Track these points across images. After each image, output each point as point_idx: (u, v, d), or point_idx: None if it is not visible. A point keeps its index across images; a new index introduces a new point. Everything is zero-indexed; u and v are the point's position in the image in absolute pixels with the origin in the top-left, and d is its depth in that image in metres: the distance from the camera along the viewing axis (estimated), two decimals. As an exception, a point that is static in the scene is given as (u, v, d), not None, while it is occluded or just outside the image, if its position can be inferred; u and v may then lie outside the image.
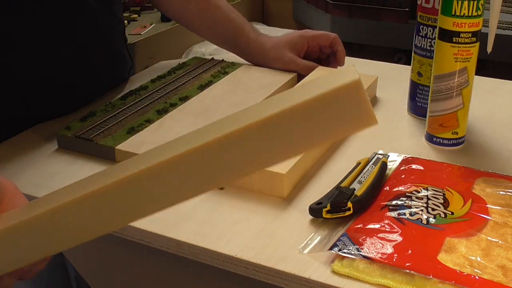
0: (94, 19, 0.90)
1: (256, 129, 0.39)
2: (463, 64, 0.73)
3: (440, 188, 0.65)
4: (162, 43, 2.22)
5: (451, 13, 0.72)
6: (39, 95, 0.85)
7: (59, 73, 0.87)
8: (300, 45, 0.99)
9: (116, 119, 0.82)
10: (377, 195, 0.65)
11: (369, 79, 0.91)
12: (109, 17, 0.94)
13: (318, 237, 0.60)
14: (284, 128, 0.39)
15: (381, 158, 0.71)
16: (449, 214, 0.60)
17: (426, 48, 0.82)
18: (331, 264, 0.56)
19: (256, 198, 0.67)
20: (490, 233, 0.58)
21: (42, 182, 0.71)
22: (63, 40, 0.86)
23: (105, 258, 0.75)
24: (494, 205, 0.62)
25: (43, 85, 0.85)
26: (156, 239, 0.62)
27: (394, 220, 0.59)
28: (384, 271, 0.54)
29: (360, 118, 0.38)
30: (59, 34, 0.85)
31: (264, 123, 0.39)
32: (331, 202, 0.62)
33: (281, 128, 0.39)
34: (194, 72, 0.99)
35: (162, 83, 0.94)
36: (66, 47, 0.86)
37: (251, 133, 0.39)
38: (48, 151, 0.78)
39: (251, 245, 0.59)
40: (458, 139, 0.78)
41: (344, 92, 0.37)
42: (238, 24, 1.01)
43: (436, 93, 0.76)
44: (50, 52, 0.85)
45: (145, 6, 2.45)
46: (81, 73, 0.90)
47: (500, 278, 0.52)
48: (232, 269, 0.59)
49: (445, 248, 0.56)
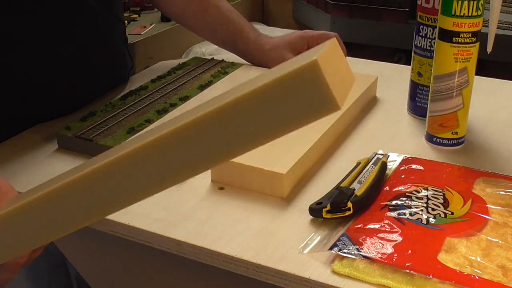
0: (94, 19, 0.90)
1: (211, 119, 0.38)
2: (463, 64, 0.73)
3: (440, 188, 0.65)
4: (162, 43, 2.23)
5: (451, 13, 0.72)
6: (39, 95, 0.85)
7: (59, 73, 0.87)
8: (300, 46, 0.99)
9: (116, 119, 0.82)
10: (377, 195, 0.65)
11: (369, 79, 0.91)
12: (109, 17, 0.94)
13: (318, 237, 0.60)
14: (238, 117, 0.37)
15: (381, 158, 0.71)
16: (449, 214, 0.60)
17: (426, 48, 0.82)
18: (331, 264, 0.56)
19: (256, 198, 0.67)
20: (490, 233, 0.58)
21: (42, 182, 0.71)
22: (63, 40, 0.86)
23: (105, 258, 0.75)
24: (494, 205, 0.62)
25: (43, 85, 0.85)
26: (156, 239, 0.62)
27: (394, 220, 0.59)
28: (384, 271, 0.54)
29: (320, 103, 0.36)
30: (59, 34, 0.85)
31: (218, 112, 0.38)
32: (331, 202, 0.62)
33: (236, 117, 0.37)
34: (194, 72, 0.99)
35: (162, 83, 0.94)
36: (66, 47, 0.86)
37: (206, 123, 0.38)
38: (48, 151, 0.78)
39: (251, 245, 0.59)
40: (458, 139, 0.78)
41: (298, 76, 0.35)
42: (238, 25, 1.01)
43: (436, 93, 0.76)
44: (50, 52, 0.85)
45: (145, 6, 2.45)
46: (81, 73, 0.90)
47: (500, 278, 0.52)
48: (232, 269, 0.59)
49: (445, 248, 0.56)
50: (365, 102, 0.90)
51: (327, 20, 2.37)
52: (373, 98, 0.93)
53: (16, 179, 0.71)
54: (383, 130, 0.83)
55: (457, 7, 0.71)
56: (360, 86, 0.89)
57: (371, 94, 0.93)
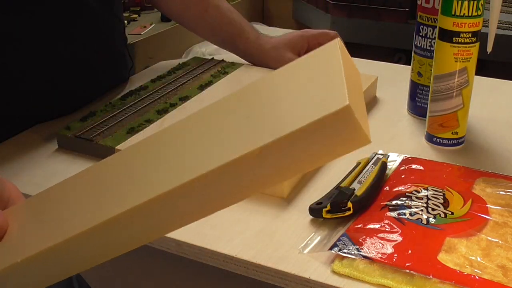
0: (94, 19, 0.90)
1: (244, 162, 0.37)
2: (463, 64, 0.73)
3: (440, 188, 0.65)
4: (162, 43, 2.23)
5: (451, 13, 0.72)
6: (39, 95, 0.85)
7: (59, 73, 0.87)
8: (300, 45, 0.99)
9: (116, 119, 0.82)
10: (377, 195, 0.65)
11: (369, 79, 0.91)
12: (109, 17, 0.94)
13: (318, 237, 0.60)
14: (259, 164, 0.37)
15: (381, 158, 0.71)
16: (449, 214, 0.60)
17: (426, 48, 0.82)
18: (331, 264, 0.56)
19: (256, 198, 0.67)
20: (490, 233, 0.58)
21: (42, 182, 0.71)
22: (63, 40, 0.86)
23: (105, 258, 0.75)
24: (494, 205, 0.62)
25: (43, 85, 0.85)
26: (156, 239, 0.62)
27: (394, 220, 0.59)
28: (384, 271, 0.54)
29: (353, 141, 0.36)
30: (59, 34, 0.85)
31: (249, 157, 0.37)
32: (331, 202, 0.62)
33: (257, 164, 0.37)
34: (194, 72, 0.99)
35: (162, 83, 0.94)
36: (66, 47, 0.86)
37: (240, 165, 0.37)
38: (48, 151, 0.78)
39: (251, 245, 0.59)
40: (458, 139, 0.78)
41: (329, 121, 0.35)
42: (238, 25, 1.01)
43: (436, 93, 0.76)
44: (50, 52, 0.85)
45: (145, 6, 2.45)
46: (81, 73, 0.90)
47: (500, 278, 0.52)
48: (232, 269, 0.59)
49: (445, 248, 0.56)
50: (365, 102, 0.90)
51: (327, 20, 2.37)
52: (373, 98, 0.93)
53: (16, 179, 0.71)
54: (383, 130, 0.83)
55: (457, 7, 0.71)
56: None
57: (371, 94, 0.93)
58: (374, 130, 0.83)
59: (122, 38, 1.01)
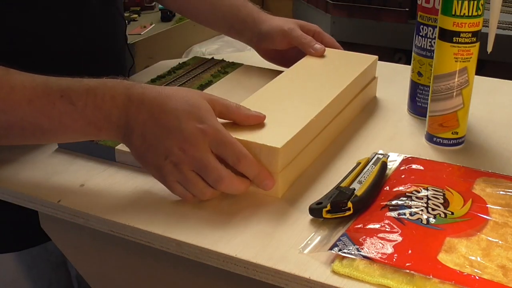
0: (95, 17, 0.90)
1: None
2: (463, 64, 0.73)
3: (440, 188, 0.65)
4: (162, 43, 2.23)
5: (451, 13, 0.72)
6: (39, 95, 0.85)
7: (59, 71, 0.86)
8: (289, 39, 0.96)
9: (116, 119, 0.82)
10: (377, 195, 0.65)
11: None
12: (110, 16, 0.94)
13: (318, 237, 0.60)
14: None
15: (381, 158, 0.71)
16: (449, 214, 0.60)
17: (426, 48, 0.82)
18: (331, 264, 0.56)
19: (256, 198, 0.67)
20: (490, 233, 0.58)
21: (42, 182, 0.71)
22: (64, 39, 0.86)
23: (105, 258, 0.75)
24: (494, 205, 0.62)
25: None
26: (156, 239, 0.62)
27: (394, 220, 0.59)
28: (384, 271, 0.54)
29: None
30: (60, 33, 0.85)
31: None
32: (331, 202, 0.62)
33: None
34: (194, 72, 0.99)
35: (162, 83, 0.94)
36: (68, 45, 0.86)
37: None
38: (48, 151, 0.78)
39: (251, 245, 0.59)
40: (458, 139, 0.78)
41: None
42: (239, 10, 0.99)
43: (436, 93, 0.76)
44: (51, 50, 0.84)
45: (145, 6, 2.45)
46: (81, 72, 0.90)
47: (500, 278, 0.52)
48: (232, 269, 0.59)
49: (445, 248, 0.56)
50: (365, 102, 0.90)
51: (327, 20, 2.37)
52: (373, 98, 0.93)
53: (16, 179, 0.72)
54: (383, 130, 0.83)
55: (457, 7, 0.71)
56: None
57: (371, 94, 0.93)
58: (374, 130, 0.84)
59: (123, 37, 1.01)
